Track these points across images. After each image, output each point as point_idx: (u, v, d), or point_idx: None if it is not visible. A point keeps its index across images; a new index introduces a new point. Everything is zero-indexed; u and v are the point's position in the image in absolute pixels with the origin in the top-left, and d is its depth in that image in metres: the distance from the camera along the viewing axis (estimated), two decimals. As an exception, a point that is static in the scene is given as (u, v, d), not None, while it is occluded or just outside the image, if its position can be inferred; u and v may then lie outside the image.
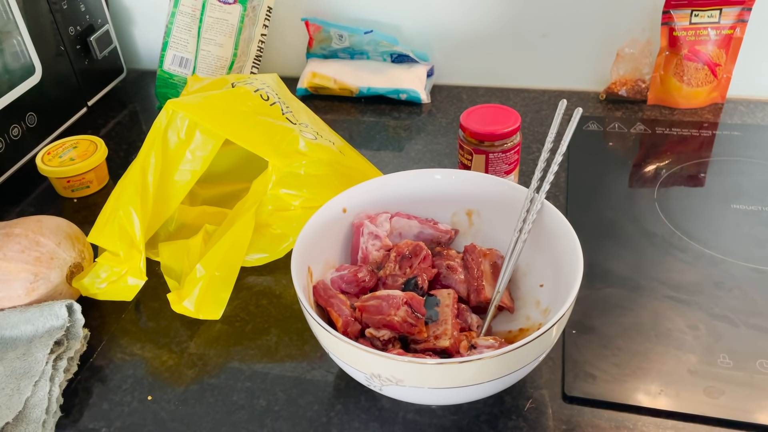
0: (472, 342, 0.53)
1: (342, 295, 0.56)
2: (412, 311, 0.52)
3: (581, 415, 0.52)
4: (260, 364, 0.59)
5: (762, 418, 0.50)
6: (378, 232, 0.61)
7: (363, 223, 0.61)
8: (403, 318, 0.52)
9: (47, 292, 0.62)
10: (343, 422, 0.53)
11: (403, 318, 0.52)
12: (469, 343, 0.52)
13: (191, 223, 0.72)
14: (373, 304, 0.53)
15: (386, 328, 0.52)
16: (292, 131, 0.67)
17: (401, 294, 0.53)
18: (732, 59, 0.86)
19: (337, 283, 0.58)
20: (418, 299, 0.53)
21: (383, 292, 0.54)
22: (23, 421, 0.53)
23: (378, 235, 0.61)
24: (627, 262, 0.65)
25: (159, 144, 0.64)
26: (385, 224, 0.62)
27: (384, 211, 0.62)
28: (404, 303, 0.52)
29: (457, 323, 0.54)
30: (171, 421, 0.55)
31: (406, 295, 0.53)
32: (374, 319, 0.53)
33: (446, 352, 0.52)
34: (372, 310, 0.53)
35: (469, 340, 0.53)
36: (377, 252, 0.61)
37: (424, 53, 0.98)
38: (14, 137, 0.84)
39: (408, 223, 0.62)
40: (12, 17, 0.82)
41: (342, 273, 0.58)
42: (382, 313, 0.52)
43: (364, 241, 0.61)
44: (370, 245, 0.61)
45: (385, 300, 0.53)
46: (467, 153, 0.70)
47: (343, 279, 0.58)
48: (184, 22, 0.95)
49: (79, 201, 0.82)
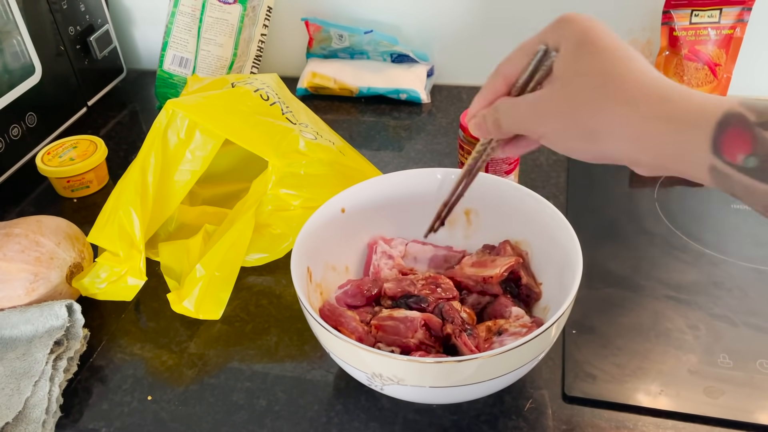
0: (500, 327, 0.52)
1: (350, 312, 0.56)
2: (430, 334, 0.52)
3: (581, 415, 0.52)
4: (260, 364, 0.59)
5: (762, 418, 0.50)
6: (392, 252, 0.62)
7: (377, 242, 0.62)
8: (420, 341, 0.52)
9: (47, 292, 0.62)
10: (343, 422, 0.53)
11: (420, 341, 0.52)
12: (498, 328, 0.52)
13: (191, 223, 0.72)
14: (390, 325, 0.53)
15: (402, 348, 0.52)
16: (292, 131, 0.67)
17: (419, 316, 0.53)
18: (732, 59, 0.86)
19: (342, 299, 0.58)
20: (435, 320, 0.53)
21: (401, 313, 0.53)
22: (23, 421, 0.52)
23: (391, 255, 0.62)
24: (627, 262, 0.65)
25: (159, 144, 0.64)
26: (399, 247, 0.62)
27: (400, 236, 0.63)
28: (422, 326, 0.52)
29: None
30: (171, 421, 0.55)
31: (424, 316, 0.53)
32: (389, 338, 0.52)
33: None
34: (389, 330, 0.53)
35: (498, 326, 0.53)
36: (389, 270, 0.61)
37: (424, 53, 0.98)
38: (14, 137, 0.84)
39: (423, 248, 0.63)
40: (12, 17, 0.82)
41: (345, 288, 0.58)
42: (399, 334, 0.52)
43: (376, 258, 0.61)
44: (382, 263, 0.61)
45: (402, 322, 0.53)
46: (467, 153, 0.70)
47: (347, 294, 0.58)
48: (184, 22, 0.95)
49: (79, 201, 0.82)
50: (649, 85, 0.37)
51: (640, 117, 0.37)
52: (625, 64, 0.38)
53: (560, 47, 0.40)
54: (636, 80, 0.37)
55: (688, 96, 0.37)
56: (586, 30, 0.39)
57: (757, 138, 0.34)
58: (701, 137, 0.35)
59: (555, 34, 0.40)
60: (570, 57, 0.39)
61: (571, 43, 0.39)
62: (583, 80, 0.39)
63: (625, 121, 0.37)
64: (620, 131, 0.38)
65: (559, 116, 0.40)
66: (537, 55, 0.41)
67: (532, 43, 0.42)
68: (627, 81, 0.38)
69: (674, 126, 0.36)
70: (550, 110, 0.40)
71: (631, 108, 0.37)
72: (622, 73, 0.38)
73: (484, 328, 0.53)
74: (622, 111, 0.37)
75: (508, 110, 0.43)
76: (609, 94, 0.38)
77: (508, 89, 0.44)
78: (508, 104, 0.43)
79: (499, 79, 0.44)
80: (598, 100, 0.38)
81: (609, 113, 0.38)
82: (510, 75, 0.43)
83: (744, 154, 0.34)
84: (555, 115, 0.40)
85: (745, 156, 0.34)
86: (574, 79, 0.39)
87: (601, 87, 0.38)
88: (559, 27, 0.40)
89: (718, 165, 0.35)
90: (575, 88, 0.39)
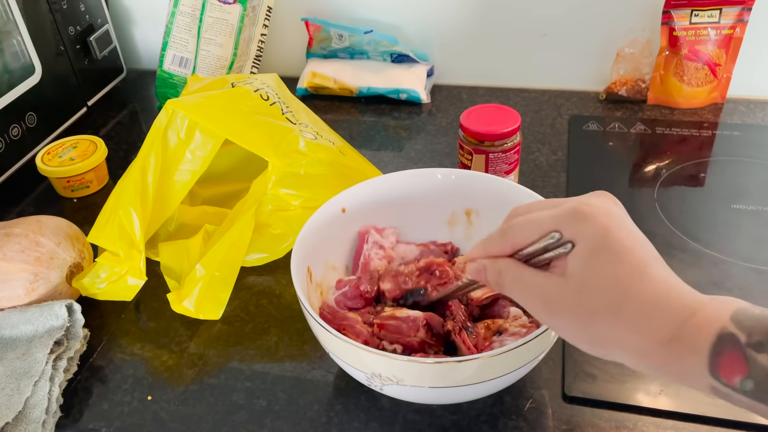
0: (500, 327, 0.52)
1: (352, 314, 0.56)
2: (432, 333, 0.52)
3: (581, 415, 0.52)
4: (260, 364, 0.59)
5: (762, 418, 0.50)
6: (383, 243, 0.61)
7: (369, 231, 0.62)
8: (422, 339, 0.52)
9: (47, 292, 0.62)
10: (343, 422, 0.53)
11: (423, 339, 0.52)
12: (497, 327, 0.52)
13: (191, 223, 0.72)
14: (393, 324, 0.53)
15: (404, 347, 0.52)
16: (292, 131, 0.66)
17: (420, 315, 0.53)
18: (732, 59, 0.86)
19: (342, 302, 0.58)
20: (437, 319, 0.53)
21: (403, 313, 0.54)
22: (23, 421, 0.52)
23: (382, 245, 0.61)
24: (627, 262, 0.65)
25: (159, 144, 0.64)
26: (391, 237, 0.62)
27: (391, 225, 0.63)
28: (423, 325, 0.52)
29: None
30: (171, 421, 0.55)
31: (425, 316, 0.53)
32: (392, 336, 0.53)
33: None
34: (391, 329, 0.53)
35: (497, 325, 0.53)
36: (380, 261, 0.61)
37: (424, 53, 0.98)
38: (14, 137, 0.84)
39: (407, 247, 0.63)
40: (12, 17, 0.82)
41: (344, 290, 0.58)
42: (401, 333, 0.53)
43: (367, 248, 0.61)
44: (373, 253, 0.61)
45: (404, 322, 0.53)
46: (467, 153, 0.70)
47: (346, 296, 0.58)
48: (184, 21, 0.95)
49: (79, 201, 0.82)
50: (663, 302, 0.37)
51: (650, 338, 0.36)
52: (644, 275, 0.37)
53: (577, 244, 0.39)
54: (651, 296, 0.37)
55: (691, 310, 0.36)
56: (606, 234, 0.38)
57: (749, 360, 0.34)
58: (700, 362, 0.35)
59: (572, 229, 0.39)
60: (587, 260, 0.38)
61: (590, 246, 0.38)
62: (599, 289, 0.38)
63: (635, 339, 0.37)
64: (629, 345, 0.37)
65: (569, 318, 0.39)
66: (550, 239, 0.39)
67: (545, 224, 0.40)
68: (642, 297, 0.37)
69: (677, 350, 0.36)
70: (561, 310, 0.39)
71: (643, 327, 0.37)
72: (639, 287, 0.37)
73: (482, 326, 0.53)
74: (634, 328, 0.37)
75: (514, 283, 0.41)
76: (623, 309, 0.37)
77: (513, 253, 0.42)
78: (516, 276, 0.41)
79: (506, 244, 0.42)
80: (612, 313, 0.37)
81: (621, 329, 0.37)
82: (517, 244, 0.42)
83: (740, 377, 0.34)
84: (565, 316, 0.39)
85: (741, 379, 0.34)
86: (591, 285, 0.38)
87: (616, 301, 0.37)
88: (576, 222, 0.39)
89: (717, 387, 0.35)
90: (590, 296, 0.38)
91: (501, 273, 0.42)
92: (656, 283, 0.37)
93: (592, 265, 0.38)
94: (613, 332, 0.37)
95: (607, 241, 0.38)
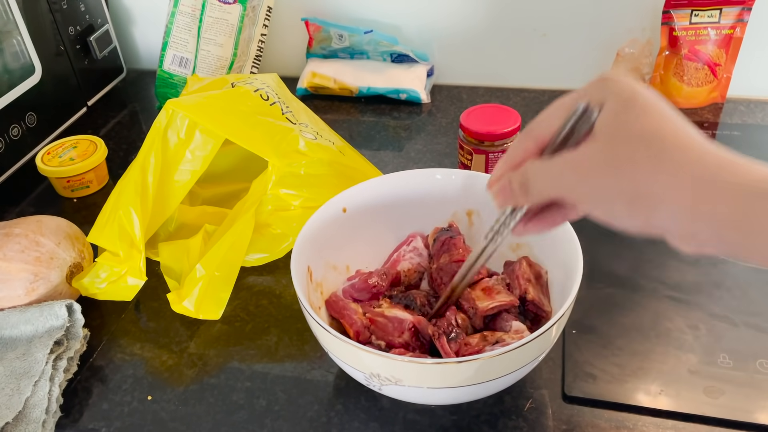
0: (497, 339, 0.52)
1: (354, 304, 0.56)
2: (418, 337, 0.53)
3: (581, 415, 0.52)
4: (260, 364, 0.59)
5: (762, 418, 0.50)
6: (423, 252, 0.62)
7: (415, 237, 0.63)
8: (406, 341, 0.52)
9: (47, 292, 0.62)
10: (343, 422, 0.53)
11: (406, 341, 0.52)
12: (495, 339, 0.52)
13: (191, 223, 0.72)
14: (381, 322, 0.54)
15: (388, 344, 0.53)
16: (292, 131, 0.67)
17: (409, 318, 0.53)
18: (732, 59, 0.86)
19: (348, 292, 0.58)
20: (424, 323, 0.53)
21: (392, 313, 0.54)
22: (23, 421, 0.52)
23: (421, 253, 0.62)
24: (627, 262, 0.65)
25: (159, 144, 0.64)
26: (424, 252, 0.63)
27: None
28: (410, 329, 0.53)
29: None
30: (171, 421, 0.55)
31: (414, 320, 0.53)
32: (379, 333, 0.54)
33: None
34: (379, 325, 0.54)
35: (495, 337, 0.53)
36: (409, 265, 0.61)
37: (424, 53, 0.98)
38: (14, 137, 0.84)
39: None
40: (12, 17, 0.82)
41: (353, 282, 0.59)
42: (387, 332, 0.53)
43: (405, 249, 0.62)
44: (407, 256, 0.62)
45: (391, 321, 0.53)
46: (467, 153, 0.70)
47: (354, 287, 0.58)
48: (184, 21, 0.95)
49: (79, 201, 0.82)
50: (705, 150, 0.34)
51: (699, 181, 0.33)
52: (679, 127, 0.35)
53: (605, 104, 0.37)
54: (691, 143, 0.34)
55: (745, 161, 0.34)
56: (635, 90, 0.36)
57: None
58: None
59: (599, 91, 0.37)
60: (617, 115, 0.36)
61: (620, 101, 0.36)
62: (631, 140, 0.35)
63: (679, 185, 0.34)
64: (674, 196, 0.34)
65: (603, 175, 0.36)
66: (576, 113, 0.37)
67: (569, 100, 0.38)
68: (681, 144, 0.34)
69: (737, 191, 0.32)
70: (592, 168, 0.36)
71: (686, 171, 0.34)
72: (676, 135, 0.35)
73: (479, 337, 0.53)
74: (676, 174, 0.34)
75: (539, 171, 0.39)
76: (661, 156, 0.34)
77: (540, 151, 0.39)
78: (540, 164, 0.39)
79: (529, 141, 0.40)
80: (649, 163, 0.34)
81: (662, 177, 0.34)
82: (542, 136, 0.39)
83: None
84: (598, 174, 0.36)
85: None
86: (622, 138, 0.35)
87: (652, 149, 0.34)
88: (604, 84, 0.37)
89: None
90: (623, 149, 0.35)
91: (526, 171, 0.39)
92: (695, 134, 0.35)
93: (624, 117, 0.36)
94: (656, 185, 0.34)
95: (637, 95, 0.36)
